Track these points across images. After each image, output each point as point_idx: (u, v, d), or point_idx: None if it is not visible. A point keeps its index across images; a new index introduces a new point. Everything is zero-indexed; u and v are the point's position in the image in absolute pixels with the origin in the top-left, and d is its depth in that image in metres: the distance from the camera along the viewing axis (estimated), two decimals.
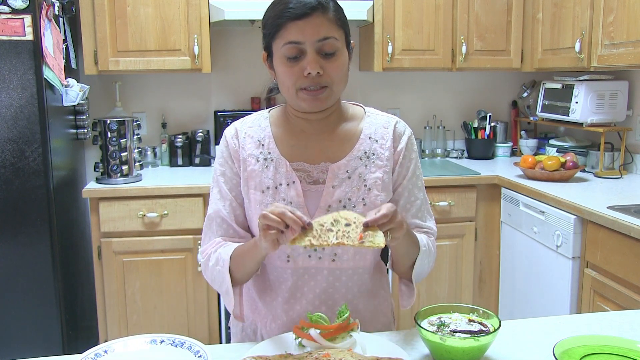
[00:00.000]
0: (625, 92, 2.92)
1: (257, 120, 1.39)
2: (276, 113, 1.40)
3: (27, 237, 2.50)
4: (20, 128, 2.45)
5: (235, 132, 1.38)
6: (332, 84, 1.24)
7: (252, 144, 1.35)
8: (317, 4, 1.20)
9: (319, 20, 1.20)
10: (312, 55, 1.21)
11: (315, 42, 1.20)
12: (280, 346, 1.15)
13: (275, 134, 1.35)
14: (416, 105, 3.62)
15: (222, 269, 1.26)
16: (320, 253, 1.30)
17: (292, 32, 1.20)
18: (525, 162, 2.84)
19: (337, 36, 1.23)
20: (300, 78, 1.23)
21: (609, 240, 2.12)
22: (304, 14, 1.19)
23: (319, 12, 1.20)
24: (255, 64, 3.41)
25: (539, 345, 1.17)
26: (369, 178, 1.31)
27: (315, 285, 1.32)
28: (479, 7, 3.17)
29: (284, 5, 1.22)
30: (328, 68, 1.22)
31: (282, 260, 1.32)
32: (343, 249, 1.30)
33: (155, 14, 2.90)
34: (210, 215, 1.38)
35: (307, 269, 1.32)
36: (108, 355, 1.13)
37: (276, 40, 1.24)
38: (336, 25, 1.23)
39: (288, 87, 1.25)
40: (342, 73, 1.26)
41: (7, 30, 2.38)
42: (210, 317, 2.89)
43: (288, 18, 1.20)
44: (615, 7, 2.50)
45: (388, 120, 1.37)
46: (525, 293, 2.72)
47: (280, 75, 1.26)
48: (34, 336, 2.55)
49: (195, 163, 3.30)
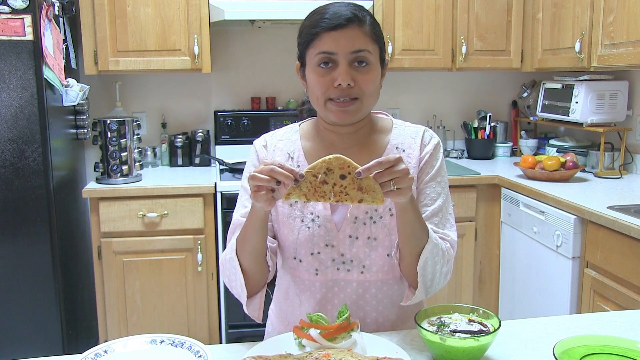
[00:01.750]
0: (625, 92, 2.92)
1: (288, 134, 1.38)
2: (307, 127, 1.39)
3: (27, 237, 2.50)
4: (20, 128, 2.45)
5: (265, 144, 1.37)
6: (363, 96, 1.23)
7: (282, 157, 1.34)
8: (353, 16, 1.20)
9: (354, 32, 1.20)
10: (344, 66, 1.20)
11: (348, 53, 1.20)
12: (280, 346, 1.14)
13: (305, 148, 1.35)
14: (416, 105, 3.62)
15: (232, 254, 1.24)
16: (349, 265, 1.29)
17: (326, 42, 1.20)
18: (525, 162, 2.84)
19: (371, 50, 1.23)
20: (330, 88, 1.22)
21: (609, 240, 2.12)
22: (339, 24, 1.19)
23: (355, 24, 1.20)
24: (255, 64, 3.41)
25: (539, 345, 1.17)
26: None
27: (345, 297, 1.31)
28: (479, 7, 3.17)
29: (320, 15, 1.22)
30: (359, 80, 1.21)
31: (310, 273, 1.32)
32: (371, 261, 1.29)
33: (155, 14, 2.90)
34: (234, 222, 1.36)
35: (336, 281, 1.31)
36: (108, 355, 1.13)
37: (310, 49, 1.23)
38: (371, 39, 1.23)
39: (318, 97, 1.24)
40: (373, 87, 1.25)
41: (7, 30, 2.38)
42: (210, 317, 2.89)
43: (323, 28, 1.20)
44: (615, 7, 2.50)
45: (416, 130, 1.35)
46: (525, 293, 2.72)
47: (311, 85, 1.25)
48: (34, 336, 2.55)
49: (195, 163, 3.30)
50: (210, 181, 2.84)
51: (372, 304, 1.31)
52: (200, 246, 2.79)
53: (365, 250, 1.29)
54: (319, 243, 1.29)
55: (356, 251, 1.29)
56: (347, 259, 1.29)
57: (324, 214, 1.28)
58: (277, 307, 1.44)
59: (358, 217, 1.28)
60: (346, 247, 1.29)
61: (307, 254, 1.30)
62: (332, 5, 1.24)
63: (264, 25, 3.23)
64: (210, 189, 2.78)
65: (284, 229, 1.32)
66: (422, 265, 1.21)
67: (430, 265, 1.22)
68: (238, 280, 1.25)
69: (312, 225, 1.28)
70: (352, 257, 1.29)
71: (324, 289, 1.32)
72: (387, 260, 1.30)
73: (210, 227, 2.81)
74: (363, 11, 1.24)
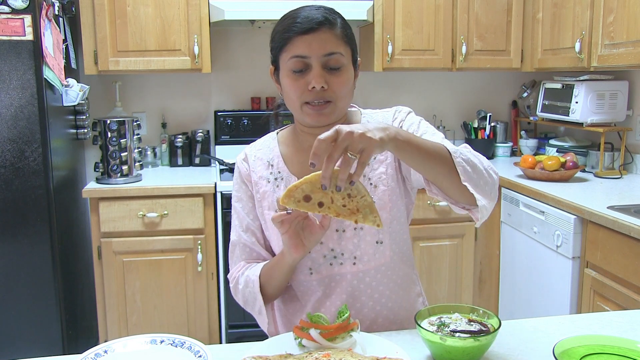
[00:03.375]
0: (625, 92, 2.92)
1: (266, 142, 1.41)
2: (285, 133, 1.42)
3: (27, 237, 2.50)
4: (20, 128, 2.45)
5: (245, 157, 1.40)
6: (337, 99, 1.25)
7: (262, 166, 1.36)
8: (324, 19, 1.22)
9: (326, 35, 1.22)
10: (317, 69, 1.21)
11: (321, 56, 1.21)
12: (280, 346, 1.14)
13: (283, 153, 1.37)
14: (416, 105, 3.61)
15: (254, 289, 1.29)
16: (341, 259, 1.31)
17: (299, 46, 1.21)
18: (525, 162, 2.84)
19: (344, 52, 1.24)
20: (305, 92, 1.23)
21: (609, 240, 2.12)
22: (310, 28, 1.21)
23: (326, 27, 1.22)
24: (255, 64, 3.41)
25: (539, 345, 1.17)
26: (373, 176, 1.32)
27: (342, 291, 1.32)
28: (479, 7, 3.17)
29: (291, 19, 1.23)
30: (333, 83, 1.23)
31: (305, 274, 1.33)
32: (362, 251, 1.30)
33: (155, 14, 2.90)
34: (232, 241, 1.40)
35: (332, 276, 1.32)
36: (108, 355, 1.13)
37: (283, 54, 1.25)
38: (343, 41, 1.24)
39: (293, 101, 1.26)
40: (346, 89, 1.26)
41: (7, 30, 2.38)
42: (210, 317, 2.89)
43: (295, 32, 1.21)
44: (615, 7, 2.50)
45: (384, 114, 1.38)
46: (525, 293, 2.72)
47: (285, 89, 1.27)
48: (34, 336, 2.55)
49: (195, 163, 3.30)
50: (210, 181, 2.84)
51: (367, 292, 1.33)
52: (200, 246, 2.79)
53: (353, 241, 1.30)
54: None
55: (345, 244, 1.30)
56: (337, 253, 1.31)
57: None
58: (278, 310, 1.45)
59: None
60: (335, 242, 1.30)
61: None
62: (303, 9, 1.25)
63: (264, 25, 3.23)
64: (210, 189, 2.78)
65: (272, 235, 1.35)
66: (462, 171, 1.13)
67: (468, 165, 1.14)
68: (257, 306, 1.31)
69: None
70: (342, 251, 1.31)
71: (322, 286, 1.33)
72: (376, 247, 1.31)
73: (210, 227, 2.81)
74: (334, 14, 1.26)
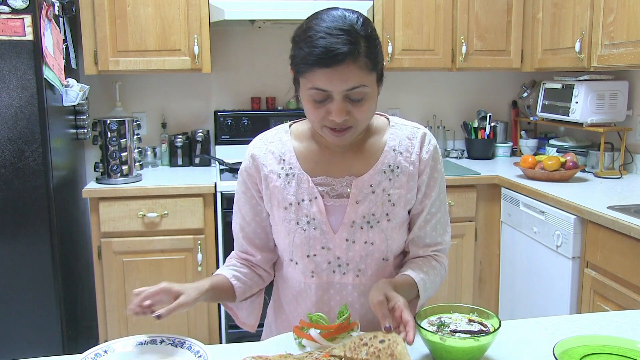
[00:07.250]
0: (625, 92, 2.92)
1: (278, 135, 1.36)
2: (300, 127, 1.37)
3: (27, 237, 2.50)
4: (20, 128, 2.45)
5: (257, 149, 1.36)
6: (358, 124, 1.21)
7: (273, 160, 1.33)
8: (347, 52, 1.12)
9: (349, 69, 1.13)
10: (339, 103, 1.16)
11: (343, 91, 1.15)
12: (280, 346, 1.14)
13: (297, 149, 1.33)
14: (416, 105, 3.62)
15: None
16: (345, 269, 1.30)
17: (320, 79, 1.14)
18: (525, 162, 2.84)
19: (367, 82, 1.17)
20: (325, 118, 1.19)
21: (609, 240, 2.12)
22: (332, 62, 1.12)
23: (349, 60, 1.12)
24: (255, 64, 3.41)
25: (539, 345, 1.17)
26: (394, 193, 1.29)
27: (342, 299, 1.31)
28: (479, 7, 3.17)
29: (312, 45, 1.13)
30: (355, 112, 1.18)
31: (306, 275, 1.32)
32: (367, 265, 1.29)
33: (155, 14, 2.90)
34: (233, 227, 1.44)
35: (332, 284, 1.31)
36: (108, 355, 1.13)
37: (302, 79, 1.19)
38: (367, 70, 1.16)
39: (313, 122, 1.23)
40: (368, 115, 1.23)
41: (7, 30, 2.38)
42: (210, 317, 2.89)
43: (317, 64, 1.13)
44: (615, 7, 2.50)
45: (413, 131, 1.33)
46: (525, 293, 2.72)
47: (306, 109, 1.22)
48: (34, 336, 2.55)
49: (195, 163, 3.30)
50: (210, 181, 2.84)
51: (367, 306, 1.30)
52: (200, 246, 2.79)
53: (361, 254, 1.29)
54: (315, 245, 1.29)
55: (352, 255, 1.29)
56: (342, 262, 1.29)
57: (319, 218, 1.28)
58: (274, 309, 1.45)
59: (355, 222, 1.27)
60: (342, 251, 1.29)
61: (303, 256, 1.30)
62: (323, 33, 1.13)
63: (264, 25, 3.23)
64: (210, 189, 2.78)
65: (280, 231, 1.32)
66: (421, 304, 1.29)
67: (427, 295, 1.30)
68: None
69: (307, 228, 1.28)
70: (347, 261, 1.29)
71: (320, 291, 1.32)
72: (382, 264, 1.30)
73: (210, 227, 2.81)
74: (356, 35, 1.14)
